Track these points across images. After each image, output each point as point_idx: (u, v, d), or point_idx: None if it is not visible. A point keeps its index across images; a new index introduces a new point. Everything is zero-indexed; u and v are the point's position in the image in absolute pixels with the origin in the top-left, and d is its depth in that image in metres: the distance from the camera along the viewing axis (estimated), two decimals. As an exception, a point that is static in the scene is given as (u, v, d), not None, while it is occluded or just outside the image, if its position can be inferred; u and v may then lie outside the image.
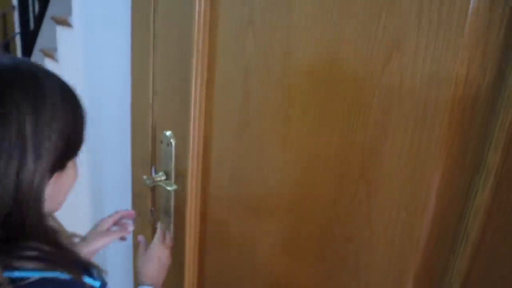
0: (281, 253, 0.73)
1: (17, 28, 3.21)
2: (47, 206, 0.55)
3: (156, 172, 0.96)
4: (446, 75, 0.47)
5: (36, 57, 2.46)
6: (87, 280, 0.57)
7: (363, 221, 0.58)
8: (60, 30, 1.91)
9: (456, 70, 0.46)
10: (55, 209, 0.61)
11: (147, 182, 0.92)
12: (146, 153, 1.00)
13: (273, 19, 0.65)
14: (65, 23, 1.80)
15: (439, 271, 0.52)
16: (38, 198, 0.51)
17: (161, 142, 0.92)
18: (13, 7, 3.48)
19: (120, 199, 1.17)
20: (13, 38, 3.45)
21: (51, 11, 2.36)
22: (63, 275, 0.54)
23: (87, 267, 0.59)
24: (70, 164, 0.58)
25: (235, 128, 0.76)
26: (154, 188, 1.01)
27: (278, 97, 0.66)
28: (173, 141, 0.89)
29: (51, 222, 0.58)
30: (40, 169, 0.51)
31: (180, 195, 0.91)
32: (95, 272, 0.60)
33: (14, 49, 3.44)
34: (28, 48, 2.64)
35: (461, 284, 0.50)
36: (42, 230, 0.54)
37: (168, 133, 0.90)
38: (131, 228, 0.86)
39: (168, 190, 0.91)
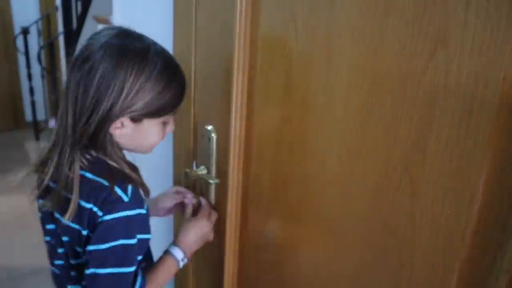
0: (323, 246, 0.73)
1: (60, 28, 3.34)
2: (127, 144, 0.81)
3: (197, 166, 0.99)
4: (493, 69, 0.46)
5: (79, 55, 2.55)
6: (118, 191, 0.75)
7: (406, 215, 0.58)
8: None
9: (505, 65, 0.45)
10: (134, 150, 0.84)
11: (189, 176, 0.95)
12: (187, 147, 1.03)
13: (315, 14, 0.66)
14: (106, 22, 1.86)
15: (485, 267, 0.51)
16: (109, 124, 0.74)
17: (202, 136, 0.95)
18: (57, 8, 3.62)
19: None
20: (57, 37, 3.59)
21: (92, 10, 2.44)
22: (104, 181, 0.75)
23: (125, 184, 0.76)
24: (148, 122, 0.78)
25: (277, 122, 0.77)
26: (195, 182, 1.04)
27: (321, 91, 0.67)
28: (214, 136, 0.92)
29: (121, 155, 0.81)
30: (121, 110, 0.73)
31: (221, 189, 0.93)
32: (130, 190, 0.76)
33: (58, 48, 3.58)
34: (71, 47, 2.74)
35: (508, 280, 0.49)
36: (106, 146, 0.77)
37: (209, 127, 0.92)
38: (189, 195, 0.98)
39: (209, 184, 0.94)
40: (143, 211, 0.78)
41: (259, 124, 0.82)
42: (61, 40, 3.44)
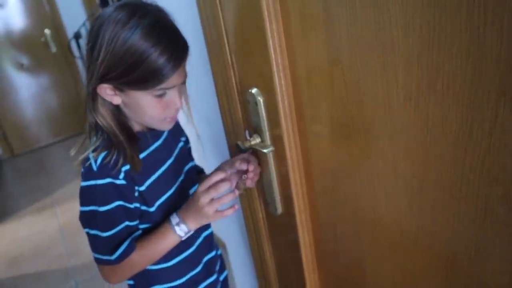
0: (405, 208, 0.61)
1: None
2: (131, 114, 0.81)
3: (250, 136, 0.90)
4: None
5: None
6: (91, 159, 0.78)
7: None
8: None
9: None
10: (143, 123, 0.83)
11: (240, 147, 0.86)
12: (236, 117, 0.94)
13: None
14: None
15: None
16: (95, 88, 0.76)
17: (248, 102, 0.84)
18: (98, 5, 3.68)
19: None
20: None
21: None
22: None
23: (101, 152, 0.78)
24: (135, 93, 0.76)
25: (325, 67, 0.65)
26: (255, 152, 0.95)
27: (372, 20, 0.53)
28: (260, 99, 0.81)
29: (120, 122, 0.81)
30: (101, 75, 0.74)
31: (279, 155, 0.83)
32: (100, 159, 0.78)
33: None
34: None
35: None
36: (97, 108, 0.79)
37: (253, 90, 0.82)
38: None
39: (264, 154, 0.84)
40: (116, 181, 0.79)
41: (305, 73, 0.70)
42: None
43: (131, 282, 0.97)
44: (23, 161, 4.34)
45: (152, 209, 0.87)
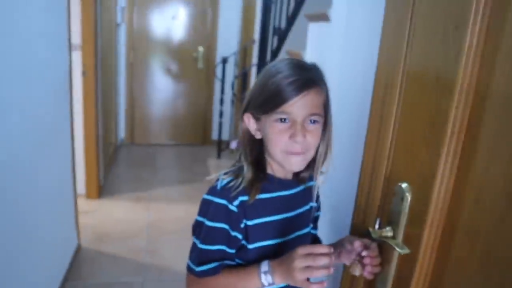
0: None
1: (254, 60, 3.63)
2: (266, 143, 0.89)
3: (381, 226, 0.87)
4: None
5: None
6: (220, 179, 0.90)
7: None
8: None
9: None
10: (273, 155, 0.89)
11: (371, 234, 0.83)
12: (373, 201, 0.92)
13: None
14: (298, 56, 1.91)
15: None
16: (243, 118, 0.91)
17: (394, 194, 0.82)
18: (254, 41, 3.97)
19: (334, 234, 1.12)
20: (250, 68, 3.92)
21: (287, 45, 2.57)
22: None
23: (228, 175, 0.89)
24: (264, 119, 0.86)
25: (502, 199, 0.60)
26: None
27: None
28: (408, 195, 0.79)
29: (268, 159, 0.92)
30: (245, 106, 0.90)
31: (407, 261, 0.79)
32: (225, 182, 0.87)
33: (250, 78, 3.89)
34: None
35: None
36: (243, 138, 0.92)
37: (404, 185, 0.80)
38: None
39: (394, 250, 0.80)
40: (229, 205, 0.86)
41: (473, 194, 0.66)
42: (253, 71, 3.73)
43: None
44: (139, 151, 4.75)
45: (250, 246, 0.90)
